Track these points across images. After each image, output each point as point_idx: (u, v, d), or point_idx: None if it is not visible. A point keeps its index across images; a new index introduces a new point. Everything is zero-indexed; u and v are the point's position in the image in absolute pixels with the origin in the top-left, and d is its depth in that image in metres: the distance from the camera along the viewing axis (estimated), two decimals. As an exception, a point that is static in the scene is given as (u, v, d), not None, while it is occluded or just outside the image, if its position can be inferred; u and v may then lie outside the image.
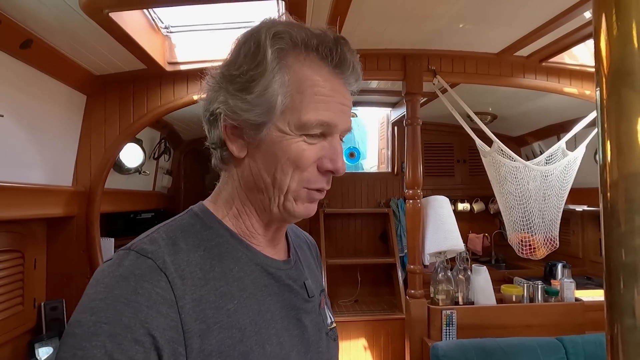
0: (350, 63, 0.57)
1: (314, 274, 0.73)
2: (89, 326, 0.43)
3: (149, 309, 0.45)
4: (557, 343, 1.82)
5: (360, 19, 1.74)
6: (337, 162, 0.57)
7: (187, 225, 0.57)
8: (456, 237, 2.15)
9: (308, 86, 0.54)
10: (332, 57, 0.56)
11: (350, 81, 0.59)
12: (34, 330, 1.79)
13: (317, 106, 0.54)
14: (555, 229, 2.13)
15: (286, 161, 0.55)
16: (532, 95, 2.55)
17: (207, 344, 0.48)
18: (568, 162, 2.14)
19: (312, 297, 0.65)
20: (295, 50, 0.55)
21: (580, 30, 1.85)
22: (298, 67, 0.55)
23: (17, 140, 1.57)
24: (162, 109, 2.01)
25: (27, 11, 1.31)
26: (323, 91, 0.55)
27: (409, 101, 2.16)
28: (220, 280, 0.53)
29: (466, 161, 3.86)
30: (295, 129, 0.54)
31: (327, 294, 0.78)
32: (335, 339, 0.71)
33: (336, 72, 0.56)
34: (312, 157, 0.56)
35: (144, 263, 0.49)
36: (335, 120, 0.56)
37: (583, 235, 3.44)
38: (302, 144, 0.55)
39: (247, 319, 0.53)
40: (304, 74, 0.55)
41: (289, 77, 0.54)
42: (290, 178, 0.56)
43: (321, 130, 0.56)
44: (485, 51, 2.12)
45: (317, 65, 0.55)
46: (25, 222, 1.75)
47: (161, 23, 1.85)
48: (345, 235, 3.70)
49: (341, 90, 0.57)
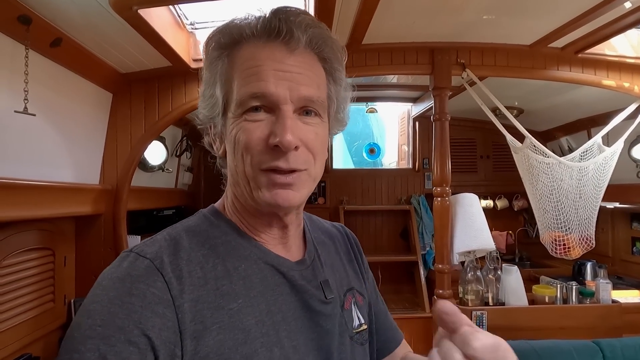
0: (282, 26, 0.52)
1: (338, 272, 0.68)
2: (85, 329, 0.43)
3: (144, 310, 0.44)
4: (594, 346, 1.75)
5: (389, 13, 1.69)
6: (280, 135, 0.50)
7: (194, 226, 0.57)
8: (487, 236, 2.09)
9: (239, 66, 0.54)
10: (264, 30, 0.53)
11: (292, 42, 0.53)
12: (64, 327, 1.82)
13: (247, 80, 0.52)
14: (591, 227, 2.05)
15: (237, 147, 0.53)
16: (562, 88, 2.46)
17: (203, 345, 0.46)
18: (604, 157, 2.06)
19: (331, 298, 0.60)
20: (232, 46, 0.55)
21: (619, 21, 1.76)
22: (233, 56, 0.55)
23: (47, 140, 1.58)
24: (187, 107, 2.00)
25: (57, 10, 1.31)
26: (251, 63, 0.52)
27: (437, 96, 2.10)
28: (223, 279, 0.51)
29: (490, 157, 3.77)
30: (236, 112, 0.53)
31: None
32: (364, 343, 0.65)
33: (270, 39, 0.53)
34: (257, 135, 0.52)
35: (141, 264, 0.48)
36: (268, 88, 0.51)
37: (613, 233, 3.33)
38: (244, 124, 0.52)
39: (252, 320, 0.50)
40: (237, 58, 0.54)
41: (226, 68, 0.55)
42: (244, 163, 0.53)
43: (258, 102, 0.52)
44: (518, 43, 2.04)
45: (252, 45, 0.54)
46: (55, 220, 1.77)
47: (186, 19, 1.83)
48: (366, 233, 3.66)
49: (278, 56, 0.52)
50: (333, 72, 0.59)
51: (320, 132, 0.56)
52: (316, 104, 0.54)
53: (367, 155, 3.89)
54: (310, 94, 0.53)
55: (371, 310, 0.73)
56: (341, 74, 0.60)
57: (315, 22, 0.55)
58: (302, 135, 0.53)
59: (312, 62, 0.55)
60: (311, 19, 0.55)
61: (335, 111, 0.61)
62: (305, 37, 0.53)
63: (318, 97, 0.54)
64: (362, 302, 0.69)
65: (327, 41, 0.56)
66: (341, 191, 3.69)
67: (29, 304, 1.60)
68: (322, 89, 0.56)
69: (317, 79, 0.55)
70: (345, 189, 3.69)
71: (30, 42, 1.30)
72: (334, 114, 0.61)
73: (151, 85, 1.98)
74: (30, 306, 1.61)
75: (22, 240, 1.57)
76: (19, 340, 1.53)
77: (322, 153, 0.57)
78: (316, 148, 0.55)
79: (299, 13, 0.54)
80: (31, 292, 1.62)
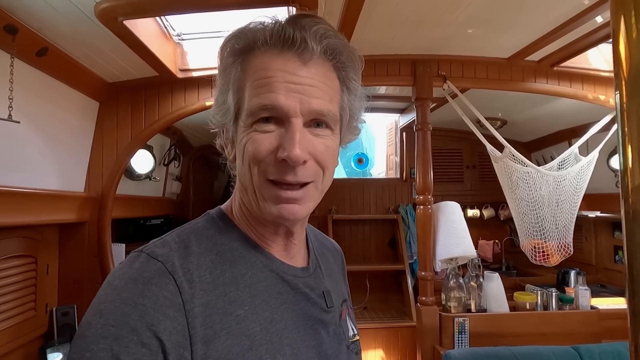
0: (297, 35, 0.51)
1: (336, 283, 0.70)
2: (97, 328, 0.43)
3: (156, 312, 0.45)
4: (573, 352, 1.77)
5: (370, 25, 1.75)
6: (288, 149, 0.50)
7: (202, 229, 0.57)
8: (468, 243, 2.12)
9: (251, 75, 0.53)
10: (278, 39, 0.52)
11: (306, 53, 0.52)
12: (45, 336, 1.80)
13: (259, 90, 0.52)
14: (569, 235, 2.10)
15: (246, 155, 0.53)
16: (543, 100, 2.53)
17: (213, 350, 0.47)
18: (581, 167, 2.12)
19: (332, 307, 0.62)
20: (245, 52, 0.55)
21: (592, 35, 1.83)
22: (246, 64, 0.54)
23: (31, 146, 1.59)
24: (173, 115, 2.03)
25: (43, 19, 1.34)
26: (263, 73, 0.52)
27: (419, 106, 2.16)
28: (230, 285, 0.52)
29: (476, 167, 3.83)
30: (246, 121, 0.53)
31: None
32: (358, 353, 0.68)
33: (284, 50, 0.52)
34: (265, 146, 0.52)
35: (153, 266, 0.49)
36: (279, 101, 0.51)
37: (596, 241, 3.39)
38: (254, 134, 0.52)
39: (257, 327, 0.52)
40: (250, 67, 0.54)
41: (239, 75, 0.55)
42: (252, 173, 0.53)
43: (268, 114, 0.52)
44: (496, 56, 2.11)
45: (265, 54, 0.53)
46: (39, 227, 1.77)
47: (173, 30, 1.87)
48: (354, 242, 3.68)
49: (290, 67, 0.52)
50: (348, 82, 0.58)
51: (330, 144, 0.56)
52: (327, 117, 0.54)
53: (355, 165, 3.93)
54: (321, 108, 0.53)
55: None
56: (356, 83, 0.59)
57: (332, 31, 0.54)
58: (311, 147, 0.53)
59: (326, 73, 0.54)
60: (328, 27, 0.53)
61: (348, 121, 0.60)
62: (320, 48, 0.52)
63: (329, 110, 0.54)
64: (353, 314, 0.73)
65: (343, 51, 0.55)
66: (330, 200, 3.71)
67: (9, 312, 1.59)
68: (334, 101, 0.56)
69: (330, 91, 0.55)
70: (334, 198, 3.72)
71: (16, 51, 1.32)
72: (347, 124, 0.60)
73: (138, 94, 2.01)
74: (10, 314, 1.60)
75: (4, 247, 1.57)
76: (-2, 349, 1.52)
77: (331, 165, 0.57)
78: (325, 160, 0.55)
79: (315, 22, 0.52)
80: (12, 300, 1.61)
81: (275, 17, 0.54)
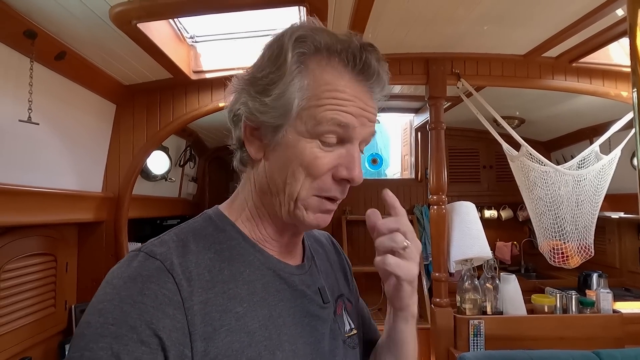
0: (374, 70, 0.54)
1: (331, 278, 0.70)
2: (97, 327, 0.44)
3: (155, 310, 0.45)
4: (594, 357, 1.71)
5: (381, 23, 1.73)
6: (353, 171, 0.54)
7: (199, 228, 0.58)
8: (483, 244, 2.08)
9: (326, 90, 0.53)
10: (355, 63, 0.53)
11: (375, 89, 0.56)
12: (64, 332, 1.85)
13: (334, 108, 0.52)
14: (590, 236, 2.03)
15: (298, 166, 0.53)
16: (562, 97, 2.46)
17: (213, 347, 0.48)
18: (602, 166, 2.04)
19: (328, 304, 0.63)
20: (317, 54, 0.54)
21: (612, 29, 1.77)
22: (319, 72, 0.53)
23: (50, 147, 1.64)
24: (187, 117, 2.06)
25: (61, 24, 1.38)
26: (341, 95, 0.53)
27: (432, 105, 2.13)
28: (229, 282, 0.53)
29: (493, 167, 3.75)
30: (310, 133, 0.53)
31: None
32: (355, 347, 0.67)
33: (359, 78, 0.54)
34: (326, 164, 0.54)
35: (151, 264, 0.49)
36: (353, 122, 0.53)
37: (620, 243, 3.26)
38: (316, 150, 0.53)
39: (256, 324, 0.52)
40: (323, 78, 0.53)
41: (308, 81, 0.53)
42: (301, 185, 0.54)
43: (337, 133, 0.53)
44: (512, 53, 2.06)
45: (338, 70, 0.54)
46: (58, 226, 1.82)
47: (186, 33, 1.90)
48: (369, 242, 3.62)
49: (363, 97, 0.54)
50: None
51: None
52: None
53: (369, 166, 3.91)
54: (372, 136, 0.58)
55: (359, 316, 0.76)
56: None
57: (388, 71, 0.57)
58: None
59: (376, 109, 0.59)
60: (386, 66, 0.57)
61: None
62: (382, 93, 0.58)
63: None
64: (351, 308, 0.72)
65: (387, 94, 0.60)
66: (344, 201, 3.60)
67: (30, 308, 1.64)
68: None
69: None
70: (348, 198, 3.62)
71: (35, 55, 1.36)
72: None
73: (153, 97, 2.05)
74: (31, 310, 1.65)
75: (25, 245, 1.62)
76: (19, 344, 1.57)
77: None
78: None
79: (381, 59, 0.56)
80: (32, 297, 1.66)
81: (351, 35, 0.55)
